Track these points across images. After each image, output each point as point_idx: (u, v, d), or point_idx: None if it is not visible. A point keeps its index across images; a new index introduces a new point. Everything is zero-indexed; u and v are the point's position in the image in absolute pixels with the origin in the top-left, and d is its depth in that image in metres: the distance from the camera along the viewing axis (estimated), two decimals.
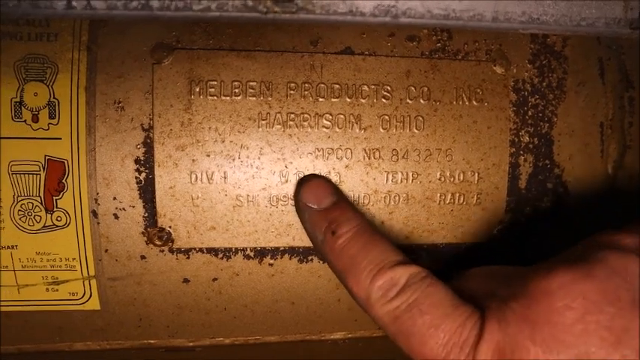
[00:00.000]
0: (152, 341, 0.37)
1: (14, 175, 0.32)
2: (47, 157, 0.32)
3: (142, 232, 0.33)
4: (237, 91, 0.32)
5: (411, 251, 0.35)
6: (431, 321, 0.26)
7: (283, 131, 0.33)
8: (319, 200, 0.31)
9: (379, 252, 0.29)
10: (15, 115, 0.32)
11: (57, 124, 0.32)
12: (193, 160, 0.32)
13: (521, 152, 0.35)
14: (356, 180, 0.33)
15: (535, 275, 0.25)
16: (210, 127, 0.32)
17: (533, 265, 0.27)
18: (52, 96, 0.32)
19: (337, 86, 0.33)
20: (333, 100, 0.33)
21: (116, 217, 0.33)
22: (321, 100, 0.33)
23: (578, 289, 0.23)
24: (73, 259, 0.34)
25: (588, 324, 0.22)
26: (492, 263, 0.35)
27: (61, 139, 0.32)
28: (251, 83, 0.32)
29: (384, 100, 0.33)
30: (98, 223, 0.33)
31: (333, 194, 0.32)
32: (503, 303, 0.25)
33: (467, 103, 0.34)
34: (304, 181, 0.32)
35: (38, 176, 0.32)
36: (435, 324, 0.26)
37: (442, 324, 0.26)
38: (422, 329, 0.26)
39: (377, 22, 0.27)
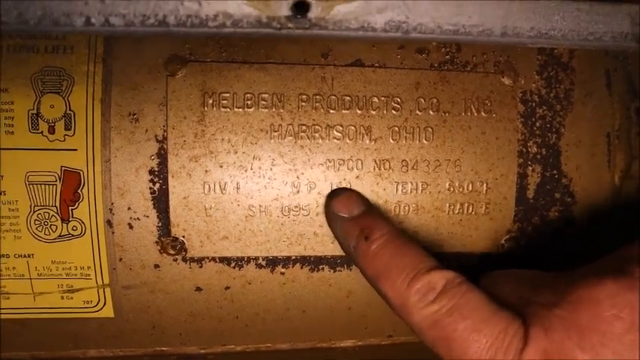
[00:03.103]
0: (165, 348, 0.37)
1: (31, 186, 0.33)
2: (63, 168, 0.33)
3: (156, 242, 0.34)
4: (249, 103, 0.33)
5: None
6: (473, 325, 0.26)
7: (295, 142, 0.33)
8: (350, 209, 0.32)
9: (413, 256, 0.29)
10: (32, 127, 0.33)
11: (73, 135, 0.33)
12: (206, 171, 0.33)
13: (529, 163, 0.35)
14: (366, 190, 0.34)
15: (581, 283, 0.25)
16: (223, 139, 0.33)
17: (568, 272, 0.27)
18: (68, 108, 0.33)
19: (348, 98, 0.33)
20: (343, 111, 0.33)
21: (130, 226, 0.33)
22: (332, 111, 0.33)
23: (626, 299, 0.24)
24: (88, 268, 0.34)
25: (638, 335, 0.23)
26: None
27: (76, 150, 0.33)
28: (263, 95, 0.33)
29: (393, 112, 0.34)
30: (113, 233, 0.34)
31: (364, 204, 0.32)
32: (547, 310, 0.25)
33: (475, 114, 0.34)
34: (334, 194, 0.33)
35: (54, 186, 0.33)
36: (477, 328, 0.26)
37: (484, 329, 0.26)
38: (464, 334, 0.26)
39: (388, 37, 0.27)
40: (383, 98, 0.34)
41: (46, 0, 0.25)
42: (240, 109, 0.33)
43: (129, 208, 0.33)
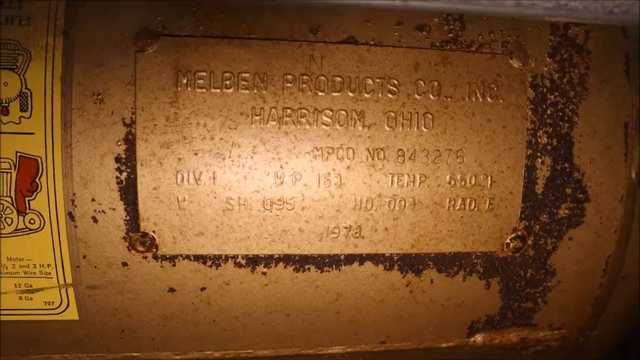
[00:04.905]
0: (136, 354, 0.34)
1: None
2: (19, 154, 0.29)
3: (124, 237, 0.30)
4: (228, 83, 0.29)
5: (418, 261, 0.32)
6: None
7: (279, 128, 0.30)
8: None
9: None
10: None
11: (29, 117, 0.29)
12: (179, 159, 0.29)
13: (539, 154, 0.32)
14: (358, 182, 0.30)
15: None
16: (198, 123, 0.29)
17: None
18: (24, 86, 0.29)
19: (339, 79, 0.30)
20: (334, 94, 0.30)
21: (95, 220, 0.30)
22: (320, 94, 0.30)
23: None
24: (49, 266, 0.31)
25: None
26: (508, 275, 0.32)
27: (34, 134, 0.29)
28: (244, 75, 0.29)
29: (389, 95, 0.30)
30: (75, 227, 0.30)
31: None
32: None
33: (480, 99, 0.31)
34: None
35: (9, 175, 0.30)
36: None
37: None
38: None
39: (384, 5, 0.24)
40: (378, 80, 0.30)
41: None
42: (218, 90, 0.29)
43: (93, 200, 0.30)
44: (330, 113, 0.30)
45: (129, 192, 0.30)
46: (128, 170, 0.30)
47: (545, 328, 0.36)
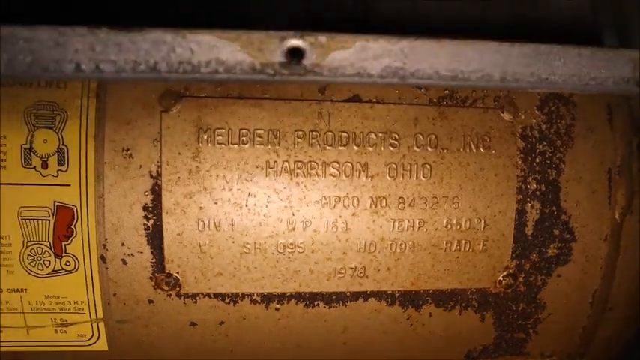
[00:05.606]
0: None
1: (24, 221, 0.33)
2: (56, 204, 0.33)
3: (150, 277, 0.34)
4: (244, 139, 0.32)
5: (417, 297, 0.35)
6: None
7: (290, 179, 0.33)
8: None
9: None
10: (25, 162, 0.32)
11: (66, 170, 0.32)
12: (201, 208, 0.32)
13: (528, 199, 0.35)
14: (362, 228, 0.33)
15: None
16: (217, 175, 0.32)
17: None
18: (62, 143, 0.32)
19: (345, 134, 0.33)
20: (340, 148, 0.33)
21: (124, 262, 0.33)
22: (328, 148, 0.33)
23: None
24: (82, 302, 0.34)
25: None
26: (501, 309, 0.35)
27: (70, 185, 0.33)
28: (259, 131, 0.33)
29: (391, 148, 0.33)
30: (107, 268, 0.33)
31: None
32: None
33: (474, 150, 0.34)
34: None
35: (47, 222, 0.33)
36: None
37: None
38: None
39: (385, 82, 0.27)
40: (380, 134, 0.33)
41: (35, 45, 0.25)
42: (236, 146, 0.32)
43: (122, 244, 0.33)
44: (337, 165, 0.33)
45: (155, 237, 0.33)
46: (154, 218, 0.33)
47: (537, 356, 0.39)
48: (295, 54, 0.26)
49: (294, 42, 0.25)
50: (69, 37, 0.25)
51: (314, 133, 0.33)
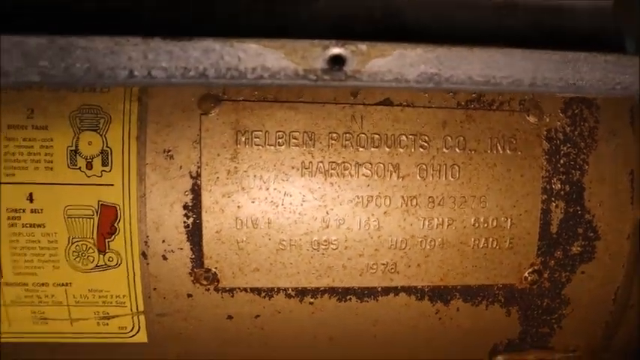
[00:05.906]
0: None
1: (69, 219, 0.34)
2: (100, 202, 0.34)
3: (189, 272, 0.35)
4: (281, 140, 0.34)
5: (446, 292, 0.36)
6: None
7: (325, 179, 0.34)
8: None
9: None
10: (70, 163, 0.34)
11: (109, 171, 0.34)
12: (239, 207, 0.34)
13: (553, 199, 0.36)
14: (394, 226, 0.35)
15: None
16: (255, 175, 0.34)
17: None
18: (105, 145, 0.34)
19: (377, 136, 0.34)
20: (372, 149, 0.34)
21: (165, 258, 0.35)
22: (361, 149, 0.34)
23: None
24: (124, 296, 0.36)
25: None
26: (526, 304, 0.36)
27: (113, 185, 0.34)
28: (294, 133, 0.34)
29: (421, 150, 0.34)
30: (147, 264, 0.35)
31: None
32: None
33: (501, 152, 0.35)
34: None
35: (92, 220, 0.34)
36: None
37: None
38: None
39: (420, 87, 0.28)
40: (411, 136, 0.34)
41: (91, 54, 0.26)
42: (272, 147, 0.34)
43: (163, 241, 0.34)
44: (370, 166, 0.34)
45: (195, 235, 0.34)
46: (194, 216, 0.34)
47: (561, 351, 0.40)
48: (337, 61, 0.27)
49: (336, 50, 0.26)
50: (123, 46, 0.26)
51: (347, 135, 0.34)
